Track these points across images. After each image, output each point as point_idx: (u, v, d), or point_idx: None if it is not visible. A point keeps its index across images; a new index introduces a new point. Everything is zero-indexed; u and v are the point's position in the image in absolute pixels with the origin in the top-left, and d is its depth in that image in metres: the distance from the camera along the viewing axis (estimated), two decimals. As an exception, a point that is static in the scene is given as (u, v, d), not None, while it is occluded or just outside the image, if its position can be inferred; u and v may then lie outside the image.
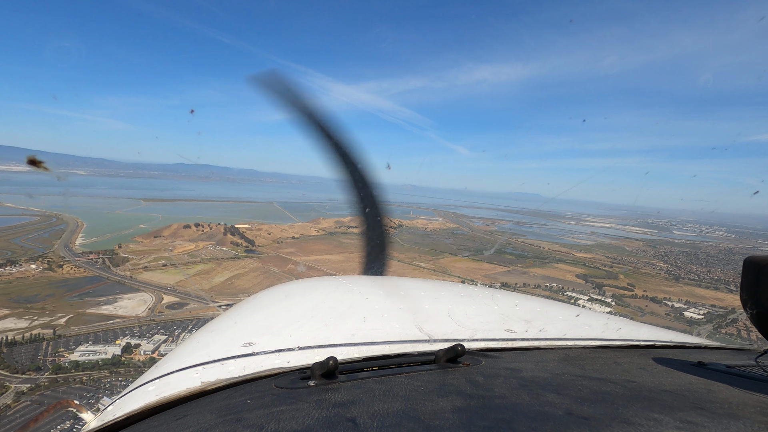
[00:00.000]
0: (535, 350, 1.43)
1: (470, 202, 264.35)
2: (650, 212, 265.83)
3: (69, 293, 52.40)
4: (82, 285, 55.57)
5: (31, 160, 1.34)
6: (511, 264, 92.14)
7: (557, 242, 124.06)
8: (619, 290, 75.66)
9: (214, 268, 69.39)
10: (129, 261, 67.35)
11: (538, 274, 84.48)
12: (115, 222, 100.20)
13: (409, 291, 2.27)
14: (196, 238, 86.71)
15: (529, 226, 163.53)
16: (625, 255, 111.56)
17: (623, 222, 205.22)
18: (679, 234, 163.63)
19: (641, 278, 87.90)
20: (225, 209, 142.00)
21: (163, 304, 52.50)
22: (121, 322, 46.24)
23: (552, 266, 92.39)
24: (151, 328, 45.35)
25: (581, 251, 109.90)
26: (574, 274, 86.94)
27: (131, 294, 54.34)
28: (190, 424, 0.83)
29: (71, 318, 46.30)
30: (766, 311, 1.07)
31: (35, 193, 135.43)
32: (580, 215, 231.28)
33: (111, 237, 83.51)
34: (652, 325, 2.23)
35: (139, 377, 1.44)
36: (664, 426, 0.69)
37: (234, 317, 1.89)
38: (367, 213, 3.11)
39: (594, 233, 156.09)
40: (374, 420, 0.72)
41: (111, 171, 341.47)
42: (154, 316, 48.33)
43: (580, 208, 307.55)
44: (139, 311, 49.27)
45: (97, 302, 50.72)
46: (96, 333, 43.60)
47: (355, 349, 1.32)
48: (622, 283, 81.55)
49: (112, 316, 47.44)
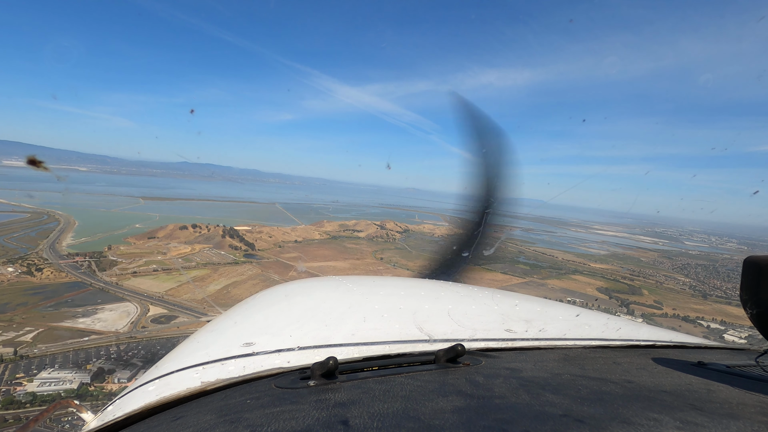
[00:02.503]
0: (535, 350, 1.44)
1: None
2: (655, 220, 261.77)
3: (44, 302, 46.80)
4: (61, 292, 50.04)
5: (31, 160, 1.34)
6: (526, 275, 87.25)
7: (570, 251, 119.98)
8: (646, 308, 71.14)
9: (210, 275, 64.13)
10: (117, 265, 61.97)
11: (557, 286, 79.64)
12: (109, 221, 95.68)
13: (409, 291, 2.28)
14: (193, 241, 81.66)
15: (537, 233, 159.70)
16: (642, 267, 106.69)
17: (631, 231, 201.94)
18: (690, 245, 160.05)
19: (666, 294, 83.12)
20: (225, 209, 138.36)
21: (149, 316, 46.83)
22: (98, 340, 40.35)
23: (569, 278, 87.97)
24: (132, 348, 39.60)
25: (596, 261, 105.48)
26: (594, 288, 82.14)
27: (114, 304, 48.75)
28: (190, 424, 0.83)
29: (40, 333, 40.55)
30: (766, 311, 1.08)
31: (34, 189, 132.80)
32: (587, 223, 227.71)
33: (102, 237, 78.76)
34: (652, 325, 2.26)
35: (139, 377, 1.45)
36: (663, 426, 0.70)
37: (234, 317, 1.89)
38: (479, 223, 3.05)
39: (605, 242, 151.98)
40: (374, 420, 0.73)
41: (113, 168, 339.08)
42: (136, 332, 42.64)
43: (585, 216, 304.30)
44: (119, 325, 43.59)
45: (74, 313, 45.01)
46: (66, 353, 37.66)
47: (355, 349, 1.33)
48: (648, 300, 76.76)
49: (88, 331, 41.64)
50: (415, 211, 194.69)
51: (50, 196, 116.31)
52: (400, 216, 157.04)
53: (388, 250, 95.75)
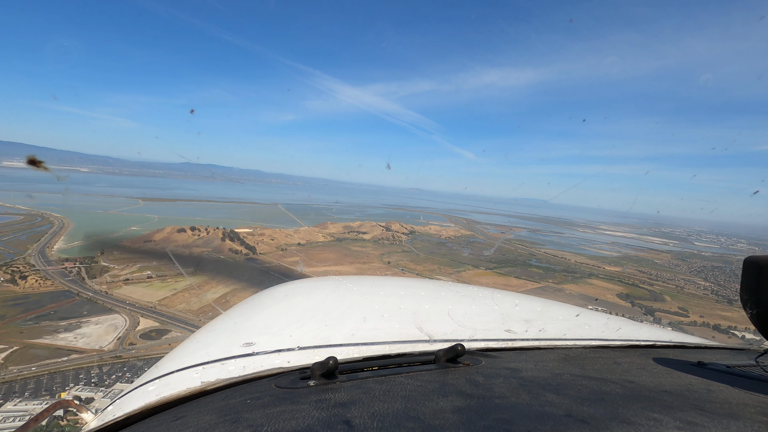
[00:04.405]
0: (535, 350, 1.44)
1: (479, 207, 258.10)
2: (660, 220, 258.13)
3: (25, 314, 42.86)
4: (44, 303, 46.04)
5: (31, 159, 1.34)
6: (540, 279, 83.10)
7: (581, 253, 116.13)
8: (671, 315, 67.06)
9: (208, 281, 60.21)
10: (109, 271, 58.08)
11: (574, 291, 75.59)
12: (105, 223, 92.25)
13: (409, 291, 2.29)
14: (191, 244, 77.83)
15: (544, 234, 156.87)
16: (659, 270, 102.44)
17: (638, 231, 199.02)
18: (701, 245, 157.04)
19: (689, 300, 78.91)
20: (227, 211, 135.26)
21: (138, 331, 42.70)
22: (78, 360, 35.87)
23: (586, 282, 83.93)
24: (116, 370, 35.00)
25: (610, 264, 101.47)
26: (614, 293, 77.96)
27: (101, 316, 44.64)
28: (190, 424, 0.83)
29: (15, 352, 36.22)
30: (766, 311, 1.08)
31: (34, 190, 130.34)
32: (593, 223, 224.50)
33: (97, 241, 75.06)
34: (652, 324, 2.26)
35: (140, 377, 1.45)
36: (664, 426, 0.70)
37: (234, 317, 1.91)
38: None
39: (615, 243, 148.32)
40: (374, 420, 0.73)
41: (115, 169, 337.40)
42: (122, 350, 38.29)
43: (590, 216, 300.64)
44: (104, 342, 39.22)
45: (56, 328, 40.73)
46: (40, 377, 33.12)
47: (355, 349, 1.34)
48: (672, 307, 72.56)
49: (69, 349, 37.30)
50: (419, 211, 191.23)
51: (49, 197, 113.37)
52: (405, 217, 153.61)
53: (395, 253, 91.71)
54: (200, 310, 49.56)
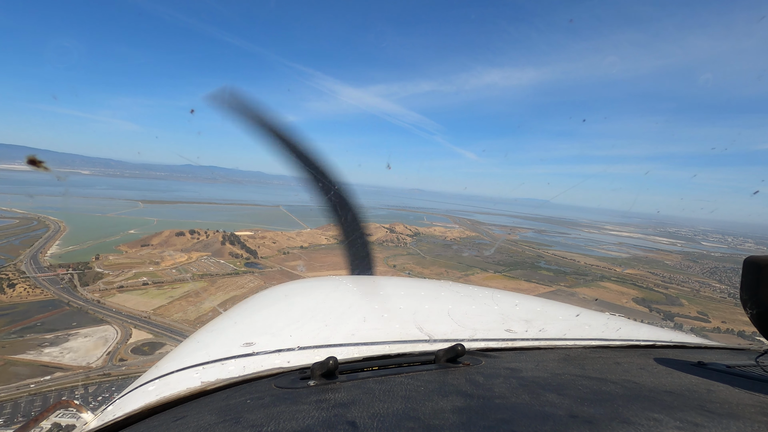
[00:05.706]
0: (535, 350, 1.44)
1: (480, 208, 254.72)
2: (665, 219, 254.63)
3: (10, 326, 40.10)
4: (31, 314, 43.31)
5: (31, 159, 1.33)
6: (551, 282, 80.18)
7: (590, 254, 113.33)
8: (691, 320, 64.13)
9: (206, 288, 57.56)
10: (103, 278, 55.45)
11: (588, 295, 72.54)
12: (103, 226, 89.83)
13: (409, 291, 2.29)
14: (190, 248, 75.27)
15: (550, 234, 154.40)
16: (671, 272, 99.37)
17: (644, 231, 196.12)
18: (708, 245, 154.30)
19: (708, 304, 75.90)
20: (228, 213, 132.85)
21: (130, 344, 39.87)
22: (62, 379, 32.85)
23: (598, 285, 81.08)
24: (102, 390, 31.73)
25: (620, 266, 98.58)
26: (629, 297, 75.02)
27: (92, 328, 41.82)
28: (190, 424, 0.83)
29: (-5, 369, 33.63)
30: (766, 311, 1.08)
31: (34, 192, 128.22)
32: (598, 223, 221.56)
33: (92, 245, 72.72)
34: (652, 324, 2.26)
35: (140, 377, 1.45)
36: (664, 426, 0.70)
37: (234, 317, 1.91)
38: (341, 218, 3.05)
39: (622, 244, 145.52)
40: (374, 420, 0.73)
41: (116, 171, 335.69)
42: (111, 367, 35.28)
43: (592, 215, 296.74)
44: (93, 357, 36.26)
45: (41, 341, 37.88)
46: (18, 400, 30.11)
47: (355, 349, 1.34)
48: (691, 311, 69.55)
49: (53, 366, 34.30)
50: (422, 212, 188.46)
51: (47, 200, 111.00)
52: (408, 218, 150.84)
53: (400, 255, 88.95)
54: (197, 320, 46.83)
